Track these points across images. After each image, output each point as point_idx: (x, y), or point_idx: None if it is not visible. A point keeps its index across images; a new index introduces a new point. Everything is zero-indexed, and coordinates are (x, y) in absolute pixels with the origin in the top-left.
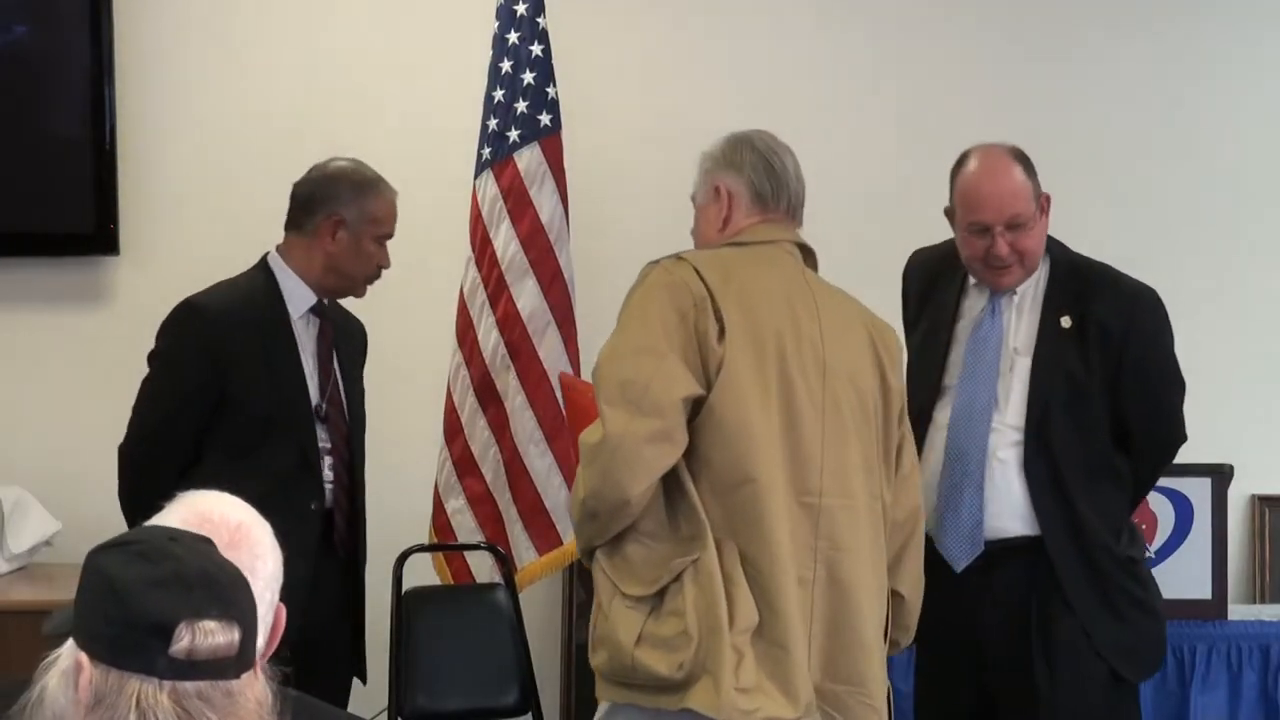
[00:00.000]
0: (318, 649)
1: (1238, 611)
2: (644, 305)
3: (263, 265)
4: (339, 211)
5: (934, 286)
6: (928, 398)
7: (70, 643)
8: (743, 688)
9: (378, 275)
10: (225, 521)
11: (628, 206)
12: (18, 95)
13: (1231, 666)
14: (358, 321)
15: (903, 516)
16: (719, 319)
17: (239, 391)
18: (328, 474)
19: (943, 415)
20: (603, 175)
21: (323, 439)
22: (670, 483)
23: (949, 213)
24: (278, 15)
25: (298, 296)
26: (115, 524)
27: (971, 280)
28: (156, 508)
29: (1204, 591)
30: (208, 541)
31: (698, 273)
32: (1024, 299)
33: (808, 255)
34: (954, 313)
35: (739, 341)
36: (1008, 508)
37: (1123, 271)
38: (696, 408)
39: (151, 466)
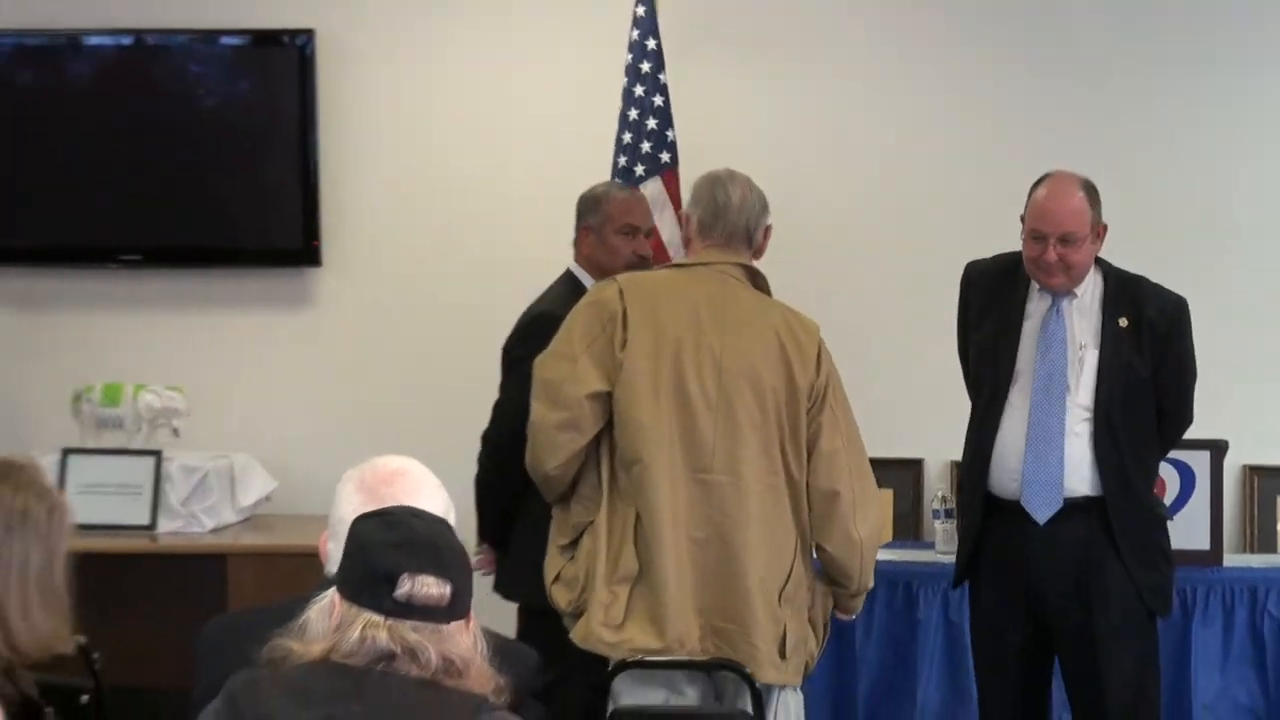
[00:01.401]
0: None
1: (1231, 560)
2: (573, 319)
3: (568, 276)
4: (586, 220)
5: (998, 291)
6: (1003, 382)
7: (333, 588)
8: (609, 624)
9: (641, 263)
10: (386, 467)
11: None
12: (242, 137)
13: (1226, 604)
14: None
15: (827, 488)
16: (625, 331)
17: None
18: None
19: (1018, 397)
20: None
21: None
22: (595, 458)
23: (1024, 229)
24: (448, 73)
25: None
26: (320, 482)
27: (1035, 286)
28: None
29: (1204, 544)
30: (444, 523)
31: (620, 293)
32: (1083, 302)
33: (754, 276)
34: (1020, 314)
35: (638, 350)
36: (1077, 472)
37: (1141, 278)
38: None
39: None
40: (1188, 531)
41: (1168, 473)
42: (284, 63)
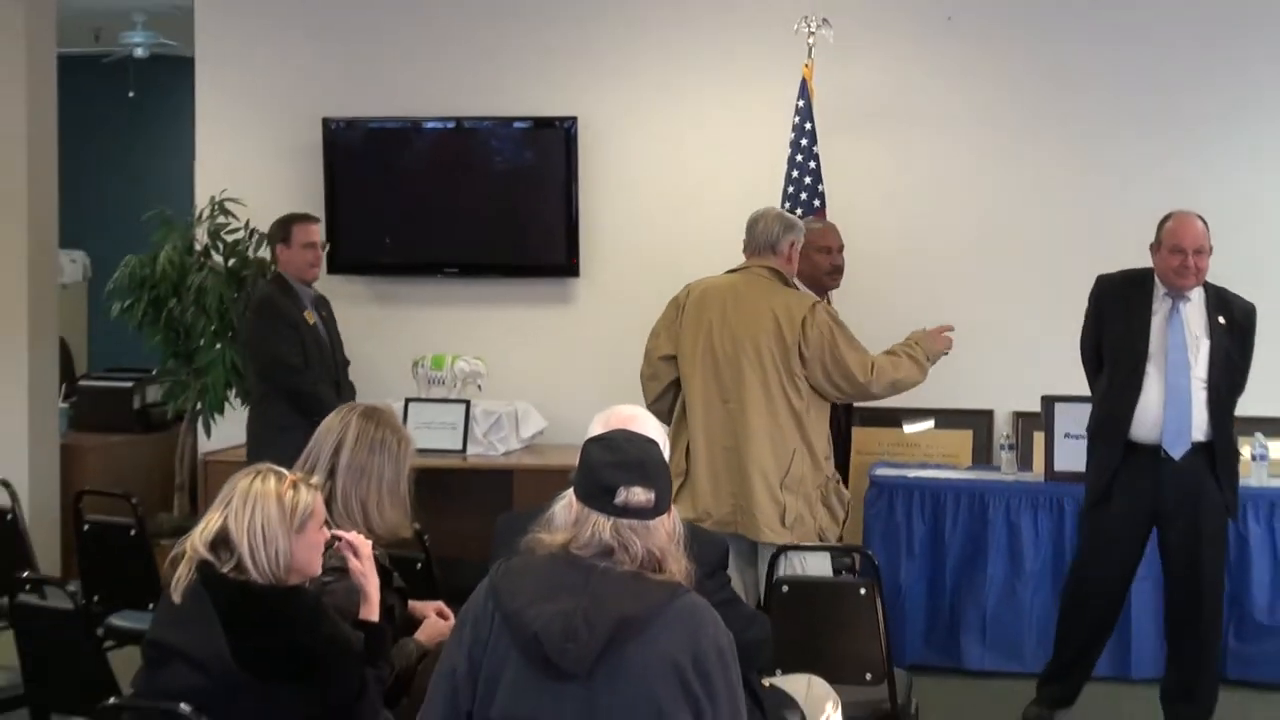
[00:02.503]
0: None
1: None
2: (664, 310)
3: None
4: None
5: (1129, 297)
6: (1140, 362)
7: (571, 489)
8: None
9: (836, 271)
10: (622, 413)
11: (858, 259)
12: (525, 188)
13: None
14: None
15: (840, 391)
16: (682, 315)
17: None
18: None
19: (1154, 369)
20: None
21: None
22: (676, 399)
23: (1153, 246)
24: (666, 144)
25: None
26: (576, 423)
27: (1159, 292)
28: None
29: None
30: (651, 441)
31: (687, 293)
32: (1192, 305)
33: (778, 273)
34: (1149, 312)
35: (687, 326)
36: (1197, 425)
37: (1225, 288)
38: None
39: None
40: None
41: None
42: (555, 139)
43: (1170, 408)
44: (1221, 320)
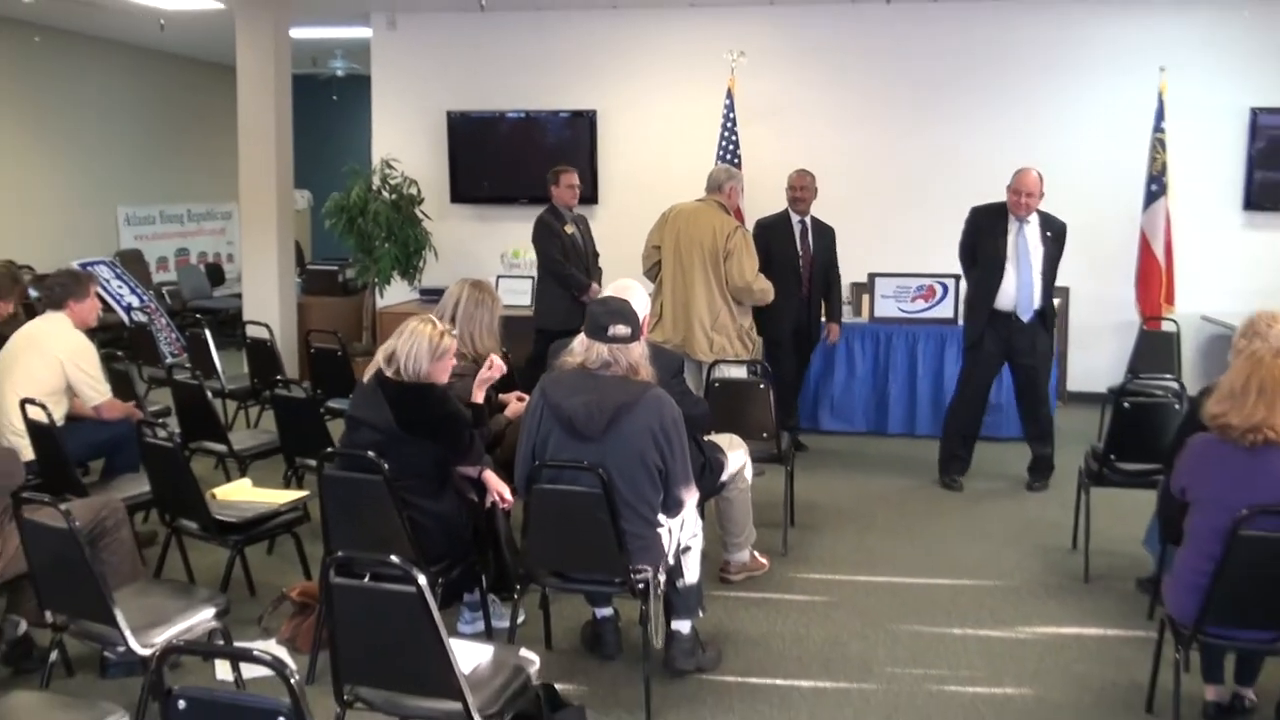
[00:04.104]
0: None
1: None
2: (657, 220)
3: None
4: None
5: (994, 222)
6: (1002, 261)
7: (583, 332)
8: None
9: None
10: (622, 283)
11: (764, 196)
12: (567, 153)
13: None
14: None
15: (733, 287)
16: (665, 225)
17: None
18: None
19: (1010, 267)
20: (753, 191)
21: None
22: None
23: (1008, 189)
24: (651, 125)
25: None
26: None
27: (1011, 220)
28: None
29: None
30: (627, 302)
31: (671, 208)
32: (1031, 226)
33: (720, 205)
34: (1006, 229)
35: (667, 232)
36: (1036, 299)
37: (1049, 213)
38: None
39: None
40: None
41: None
42: (584, 123)
43: (1020, 290)
44: (1049, 234)
